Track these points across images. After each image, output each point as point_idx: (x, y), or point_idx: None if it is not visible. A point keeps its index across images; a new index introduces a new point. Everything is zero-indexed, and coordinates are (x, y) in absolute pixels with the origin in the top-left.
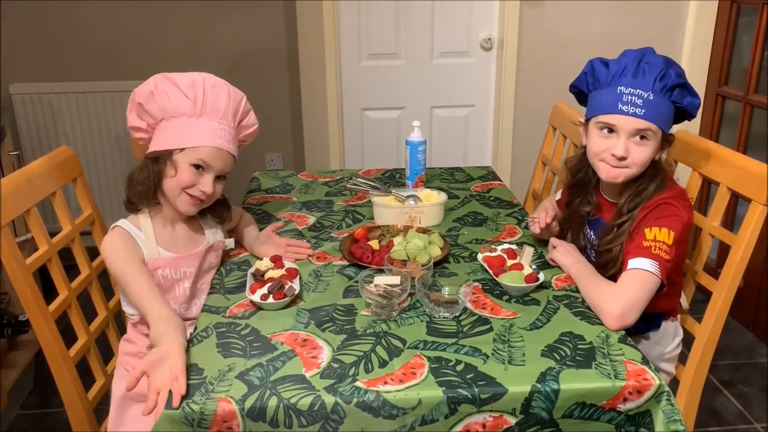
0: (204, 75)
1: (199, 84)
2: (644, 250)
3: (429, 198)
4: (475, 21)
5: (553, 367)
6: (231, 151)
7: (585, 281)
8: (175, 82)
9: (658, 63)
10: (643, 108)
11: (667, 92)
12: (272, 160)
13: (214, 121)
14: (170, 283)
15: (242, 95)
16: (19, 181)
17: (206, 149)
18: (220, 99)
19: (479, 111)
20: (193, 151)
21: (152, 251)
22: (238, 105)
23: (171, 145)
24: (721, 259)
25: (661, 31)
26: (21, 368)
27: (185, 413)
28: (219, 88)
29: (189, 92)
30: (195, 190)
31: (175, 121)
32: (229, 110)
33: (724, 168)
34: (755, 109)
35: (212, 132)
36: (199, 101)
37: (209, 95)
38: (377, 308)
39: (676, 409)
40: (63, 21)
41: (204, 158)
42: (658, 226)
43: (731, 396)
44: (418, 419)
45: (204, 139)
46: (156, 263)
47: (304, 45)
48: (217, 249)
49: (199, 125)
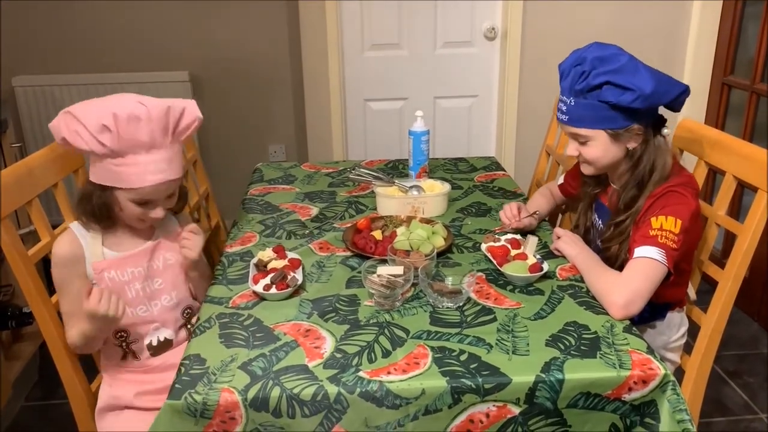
0: (115, 112)
1: (108, 124)
2: (651, 238)
3: (432, 188)
4: (479, 11)
5: (557, 356)
6: (174, 177)
7: (589, 270)
8: (83, 122)
9: (582, 66)
10: (566, 114)
11: (589, 93)
12: (275, 152)
13: (143, 155)
14: (119, 286)
15: (166, 107)
16: (21, 173)
17: (143, 189)
18: (139, 130)
19: (483, 101)
20: (130, 191)
21: (96, 253)
22: (164, 123)
23: (106, 182)
24: (727, 249)
25: (667, 20)
26: (25, 360)
27: (188, 404)
28: (132, 119)
29: (102, 138)
30: (147, 218)
31: (104, 160)
32: (156, 133)
33: (730, 156)
34: (761, 98)
35: (143, 169)
36: (118, 143)
37: (124, 134)
38: (380, 298)
39: (681, 398)
40: (65, 14)
41: (144, 196)
42: (664, 215)
43: (736, 386)
44: (422, 409)
45: (136, 180)
46: (100, 265)
47: (307, 36)
48: (170, 245)
49: (129, 163)
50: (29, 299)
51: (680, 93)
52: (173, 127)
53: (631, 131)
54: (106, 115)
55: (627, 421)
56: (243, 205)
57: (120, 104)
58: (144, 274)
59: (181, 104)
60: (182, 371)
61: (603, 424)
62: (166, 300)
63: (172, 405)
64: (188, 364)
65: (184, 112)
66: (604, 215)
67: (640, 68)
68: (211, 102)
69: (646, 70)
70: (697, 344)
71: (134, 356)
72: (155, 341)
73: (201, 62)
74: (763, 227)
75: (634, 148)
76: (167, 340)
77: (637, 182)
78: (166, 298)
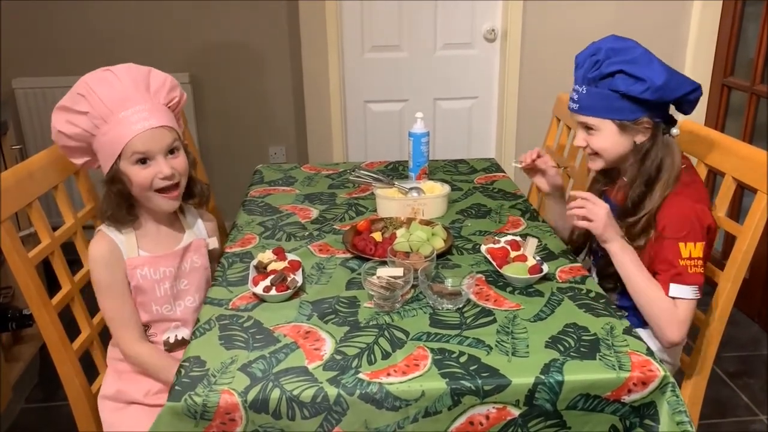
0: (84, 79)
1: (83, 92)
2: (682, 273)
3: (432, 190)
4: (479, 12)
5: (557, 358)
6: (159, 124)
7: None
8: (65, 107)
9: (597, 55)
10: (578, 102)
11: (601, 82)
12: (275, 154)
13: (122, 112)
14: (150, 284)
15: (127, 66)
16: (21, 175)
17: (133, 141)
18: (111, 89)
19: (483, 103)
20: (125, 152)
21: (132, 250)
22: (135, 78)
23: (109, 160)
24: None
25: (667, 21)
26: (26, 362)
27: (188, 405)
28: (102, 80)
29: (81, 107)
30: (157, 182)
31: (96, 139)
32: (127, 90)
33: (730, 158)
34: (761, 99)
35: (126, 123)
36: (95, 106)
37: (98, 94)
38: (380, 300)
39: (681, 400)
40: (65, 15)
41: (137, 149)
42: (693, 242)
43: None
44: (421, 411)
45: (123, 135)
46: (134, 262)
47: (307, 37)
48: (198, 248)
49: (113, 125)
50: (29, 301)
51: (691, 90)
52: (145, 85)
53: (640, 124)
54: (77, 87)
55: (626, 423)
56: (243, 207)
57: (85, 78)
58: (174, 275)
59: (146, 68)
60: (182, 373)
61: (603, 425)
62: (189, 301)
63: (171, 407)
64: (188, 366)
65: (151, 72)
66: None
67: (654, 61)
68: (211, 104)
69: (660, 64)
70: (697, 345)
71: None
72: (173, 338)
73: (201, 64)
74: (763, 228)
75: (641, 142)
76: (184, 339)
77: (645, 179)
78: (189, 299)
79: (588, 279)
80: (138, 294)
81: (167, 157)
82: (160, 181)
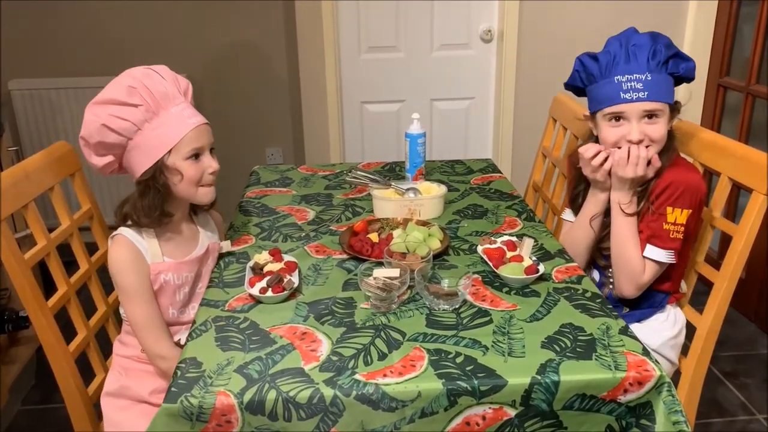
0: (130, 74)
1: (136, 85)
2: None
3: (429, 191)
4: (475, 13)
5: (553, 358)
6: (205, 121)
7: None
8: (113, 100)
9: (645, 42)
10: (645, 90)
11: (662, 66)
12: (272, 155)
13: (173, 107)
14: (172, 289)
15: (165, 68)
16: (17, 176)
17: (189, 136)
18: (160, 83)
19: (479, 103)
20: (180, 146)
21: (156, 254)
22: (173, 78)
23: (156, 156)
24: (723, 250)
25: (662, 22)
26: (22, 364)
27: (183, 407)
28: (149, 76)
29: (134, 99)
30: (206, 177)
31: (142, 134)
32: (171, 87)
33: (725, 158)
34: (757, 100)
35: (179, 117)
36: (148, 99)
37: (151, 88)
38: (377, 301)
39: (676, 400)
40: (62, 17)
41: (193, 145)
42: (680, 208)
43: (733, 387)
44: (418, 412)
45: (180, 129)
46: (159, 267)
47: (303, 38)
48: (214, 251)
49: (166, 119)
50: (25, 303)
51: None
52: (183, 87)
53: (677, 107)
54: (125, 81)
55: (623, 423)
56: (239, 208)
57: (130, 72)
58: (193, 279)
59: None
60: (178, 374)
61: (599, 425)
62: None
63: (167, 408)
64: (184, 368)
65: (179, 78)
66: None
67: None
68: (209, 105)
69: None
70: (693, 345)
71: None
72: (183, 340)
73: (198, 65)
74: (758, 228)
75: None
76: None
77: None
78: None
79: (584, 279)
80: (157, 297)
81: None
82: (209, 176)
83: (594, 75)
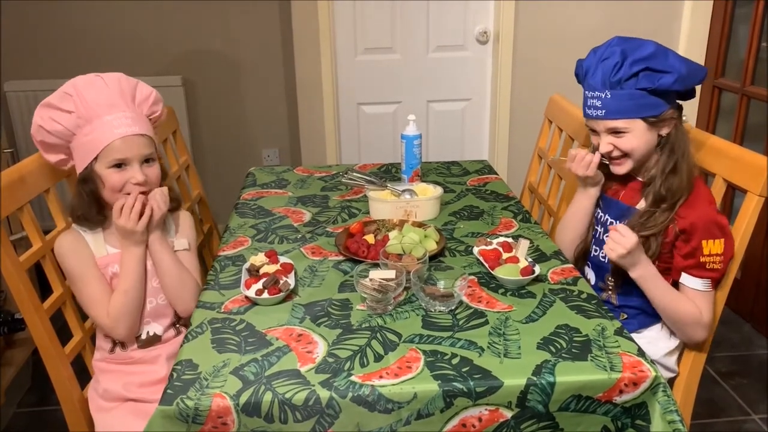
0: (73, 81)
1: (70, 92)
2: (699, 267)
3: (425, 192)
4: (471, 14)
5: (548, 359)
6: (139, 132)
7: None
8: (51, 104)
9: (611, 57)
10: (602, 108)
11: (626, 83)
12: (269, 156)
13: (106, 116)
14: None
15: (118, 76)
16: (12, 179)
17: (112, 145)
18: (99, 93)
19: (475, 105)
20: (104, 154)
21: (99, 249)
22: (120, 87)
23: (85, 161)
24: None
25: (657, 22)
26: (18, 366)
27: (180, 409)
28: (91, 83)
29: (67, 106)
30: (129, 187)
31: (77, 138)
32: (114, 96)
33: (720, 159)
34: (752, 101)
35: (108, 127)
36: (81, 106)
37: (85, 96)
38: (373, 302)
39: (672, 400)
40: (57, 18)
41: (116, 155)
42: (712, 239)
43: (729, 388)
44: (414, 413)
45: (105, 138)
46: (105, 260)
47: (299, 40)
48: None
49: (96, 127)
50: (21, 305)
51: (704, 75)
52: (131, 95)
53: (666, 116)
54: (66, 87)
55: (618, 424)
56: (235, 210)
57: (75, 79)
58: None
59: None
60: (174, 376)
61: (595, 426)
62: (161, 299)
63: (163, 410)
64: (180, 370)
65: (138, 84)
66: (611, 209)
67: (668, 51)
68: (204, 106)
69: (673, 53)
70: (689, 345)
71: (122, 347)
72: (144, 335)
73: (194, 66)
74: (753, 229)
75: (668, 134)
76: (156, 335)
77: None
78: (161, 297)
79: (579, 280)
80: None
81: (142, 166)
82: (132, 186)
83: (580, 82)
